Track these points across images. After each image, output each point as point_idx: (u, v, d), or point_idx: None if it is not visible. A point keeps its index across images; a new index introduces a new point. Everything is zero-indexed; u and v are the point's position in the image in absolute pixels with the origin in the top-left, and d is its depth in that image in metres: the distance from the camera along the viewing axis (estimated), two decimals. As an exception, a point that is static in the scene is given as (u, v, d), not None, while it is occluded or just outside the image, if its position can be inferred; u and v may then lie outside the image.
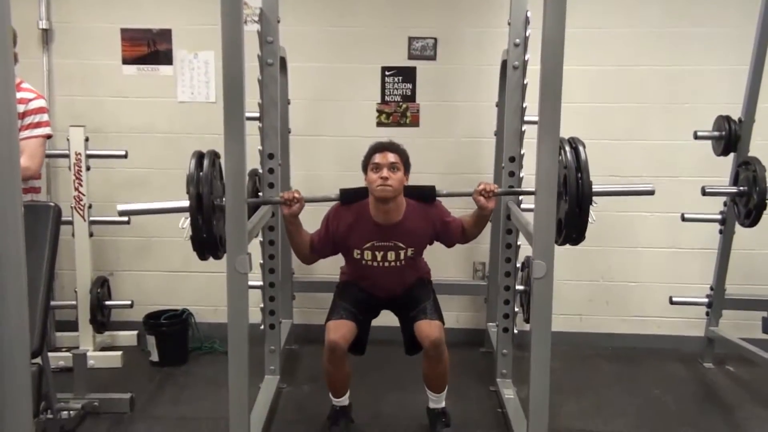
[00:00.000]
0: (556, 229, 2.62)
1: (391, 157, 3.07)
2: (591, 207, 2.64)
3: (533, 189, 2.56)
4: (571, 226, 2.66)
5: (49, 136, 3.37)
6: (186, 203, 2.68)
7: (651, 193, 2.90)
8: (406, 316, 3.25)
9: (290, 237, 3.22)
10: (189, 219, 2.67)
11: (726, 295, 4.11)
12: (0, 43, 0.78)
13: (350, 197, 3.22)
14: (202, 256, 2.78)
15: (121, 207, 2.83)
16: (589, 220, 2.65)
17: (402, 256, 3.20)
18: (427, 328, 3.09)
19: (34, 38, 4.22)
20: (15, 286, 0.80)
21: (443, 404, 3.27)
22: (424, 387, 3.27)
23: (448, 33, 4.27)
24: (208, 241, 2.70)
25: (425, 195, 3.25)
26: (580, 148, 2.65)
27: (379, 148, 3.13)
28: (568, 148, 2.67)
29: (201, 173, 2.67)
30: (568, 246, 2.86)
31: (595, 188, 2.64)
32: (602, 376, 4.06)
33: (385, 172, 3.03)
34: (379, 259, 3.19)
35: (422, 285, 3.36)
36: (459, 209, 3.47)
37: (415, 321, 3.15)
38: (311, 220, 3.29)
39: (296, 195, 3.05)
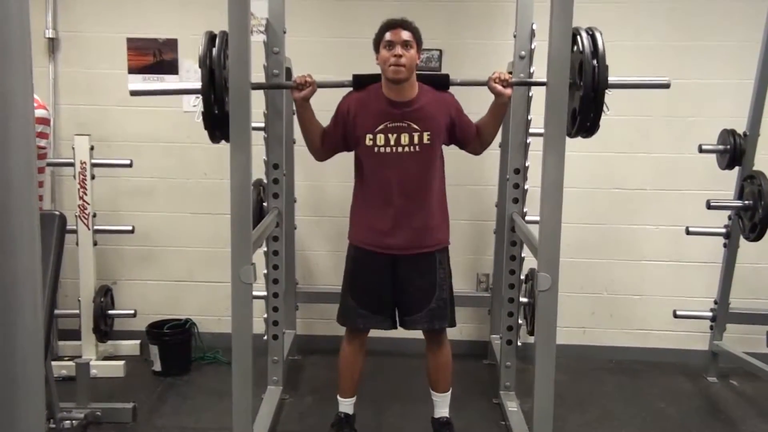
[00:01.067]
0: (569, 120, 2.60)
1: (405, 35, 2.97)
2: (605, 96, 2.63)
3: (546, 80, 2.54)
4: (585, 115, 2.64)
5: (42, 149, 3.33)
6: (197, 85, 2.68)
7: (667, 86, 2.90)
8: (408, 304, 3.12)
9: (301, 124, 3.16)
10: (201, 99, 2.67)
11: (730, 309, 4.10)
12: (19, 54, 0.79)
13: (363, 81, 3.15)
14: (214, 137, 2.77)
15: (132, 86, 2.86)
16: (604, 109, 2.64)
17: (416, 141, 3.01)
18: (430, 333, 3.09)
19: (41, 47, 4.24)
20: (30, 294, 0.80)
21: (447, 411, 3.25)
22: (429, 395, 3.25)
23: (453, 45, 4.28)
24: (219, 119, 2.69)
25: (439, 81, 3.17)
26: (597, 35, 2.64)
27: (392, 24, 3.02)
28: (584, 35, 2.65)
29: (213, 53, 2.67)
30: (572, 258, 2.84)
31: (611, 80, 2.63)
32: (606, 389, 4.04)
33: (398, 50, 2.94)
34: (392, 143, 3.01)
35: (443, 275, 3.16)
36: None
37: (412, 324, 3.13)
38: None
39: (308, 79, 3.01)
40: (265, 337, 3.62)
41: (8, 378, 0.80)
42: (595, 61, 2.63)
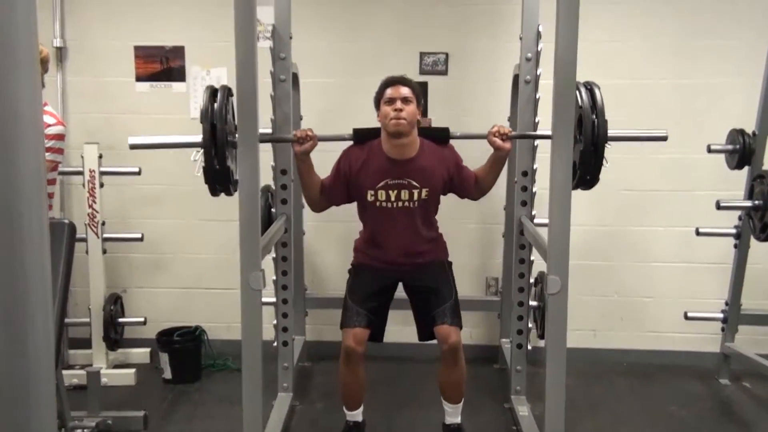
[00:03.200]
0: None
1: (404, 91, 3.05)
2: (605, 149, 2.65)
3: (549, 133, 2.57)
4: (586, 168, 2.66)
5: (53, 162, 3.32)
6: (198, 138, 2.69)
7: (664, 139, 2.91)
8: (425, 310, 3.17)
9: (301, 178, 3.21)
10: (202, 154, 2.68)
11: (742, 310, 4.07)
12: (28, 65, 0.79)
13: (363, 136, 3.21)
14: (214, 191, 2.79)
15: (132, 140, 2.87)
16: (603, 162, 2.66)
17: (416, 197, 3.13)
18: (446, 332, 3.06)
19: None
20: (41, 303, 0.80)
21: (459, 419, 3.24)
22: (440, 400, 3.24)
23: (459, 48, 4.28)
24: (220, 174, 2.70)
25: (440, 136, 3.24)
26: (596, 91, 2.66)
27: (391, 82, 3.11)
28: (583, 91, 2.67)
29: (215, 107, 2.67)
30: (581, 261, 2.84)
31: (610, 132, 2.66)
32: (617, 393, 4.02)
33: (398, 104, 3.01)
34: (392, 198, 3.12)
35: (445, 276, 3.26)
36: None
37: (435, 323, 3.10)
38: (322, 167, 3.29)
39: (309, 133, 3.05)
40: (275, 344, 3.61)
41: (20, 387, 0.80)
42: (594, 116, 2.65)
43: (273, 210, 3.57)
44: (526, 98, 3.47)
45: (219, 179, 2.74)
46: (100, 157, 3.92)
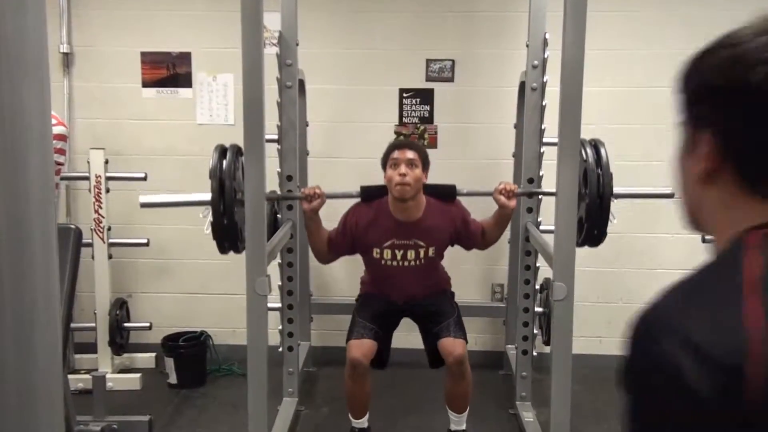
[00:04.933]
0: (576, 228, 2.62)
1: (410, 154, 3.07)
2: (612, 205, 2.65)
3: (554, 191, 2.56)
4: (593, 223, 2.66)
5: (60, 165, 3.33)
6: (207, 196, 2.70)
7: (671, 196, 2.91)
8: (429, 330, 3.21)
9: (309, 234, 3.25)
10: (210, 212, 2.69)
11: (748, 317, 4.05)
12: (37, 71, 0.79)
13: (371, 194, 3.24)
14: (223, 249, 2.80)
15: (143, 199, 2.89)
16: (610, 218, 2.67)
17: (422, 255, 3.18)
18: (450, 345, 3.07)
19: (55, 62, 4.27)
20: (48, 308, 0.81)
21: (464, 427, 3.24)
22: (445, 408, 3.25)
23: (466, 55, 4.28)
24: (229, 232, 2.71)
25: (446, 193, 3.27)
26: (601, 148, 2.68)
27: (398, 145, 3.16)
28: (588, 148, 2.68)
29: (224, 166, 2.69)
30: (587, 267, 2.84)
31: (616, 190, 2.67)
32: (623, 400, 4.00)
33: (403, 168, 3.03)
34: (399, 258, 3.18)
35: (445, 298, 3.34)
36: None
37: (438, 338, 3.12)
38: (330, 218, 3.33)
39: (317, 191, 3.09)
40: (280, 349, 3.61)
41: (27, 392, 0.81)
42: (599, 170, 2.66)
43: (278, 216, 3.57)
44: (532, 105, 3.48)
45: (227, 236, 2.76)
46: (107, 162, 3.93)
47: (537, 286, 3.63)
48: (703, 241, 3.92)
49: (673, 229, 4.30)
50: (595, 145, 2.71)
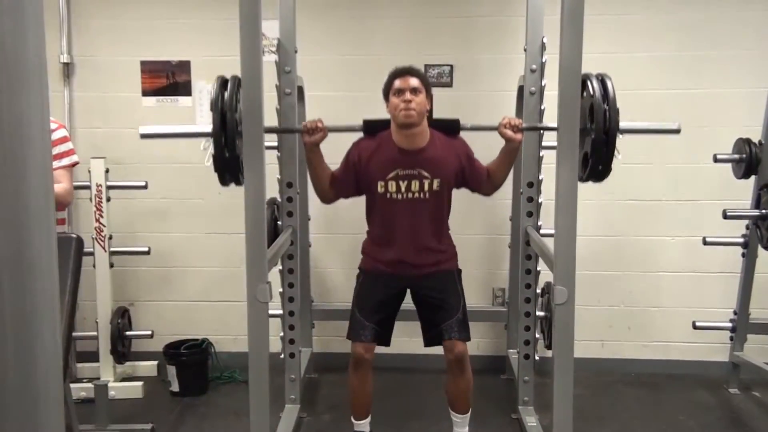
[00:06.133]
0: (581, 164, 2.63)
1: (413, 82, 3.02)
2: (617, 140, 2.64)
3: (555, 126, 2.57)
4: (597, 159, 2.65)
5: (75, 164, 3.39)
6: (208, 127, 2.70)
7: (677, 131, 2.88)
8: (431, 322, 3.15)
9: (310, 169, 3.18)
10: (211, 144, 2.69)
11: (750, 319, 4.06)
12: (36, 80, 0.80)
13: (373, 127, 3.18)
14: (224, 181, 2.79)
15: (143, 130, 2.90)
16: (615, 154, 2.65)
17: (426, 188, 3.08)
18: (451, 344, 3.06)
19: (56, 72, 4.28)
20: (49, 317, 0.81)
21: (467, 430, 3.23)
22: (448, 411, 3.23)
23: (464, 60, 4.29)
24: (230, 164, 2.71)
25: (450, 127, 3.20)
26: (607, 81, 2.67)
27: (400, 72, 3.07)
28: (595, 82, 2.67)
29: (225, 97, 2.71)
30: (588, 271, 2.82)
31: (622, 125, 2.65)
32: (625, 403, 4.00)
33: (407, 95, 2.98)
34: (403, 189, 3.07)
35: (451, 283, 3.20)
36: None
37: (442, 338, 3.10)
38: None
39: (319, 124, 3.03)
40: (282, 356, 3.61)
41: (29, 401, 0.81)
42: (606, 105, 2.64)
43: (279, 223, 3.58)
44: (531, 109, 3.48)
45: (228, 167, 2.75)
46: (107, 171, 3.93)
47: (538, 290, 3.63)
48: (704, 243, 3.94)
49: (674, 232, 4.31)
50: (602, 79, 2.68)
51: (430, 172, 3.08)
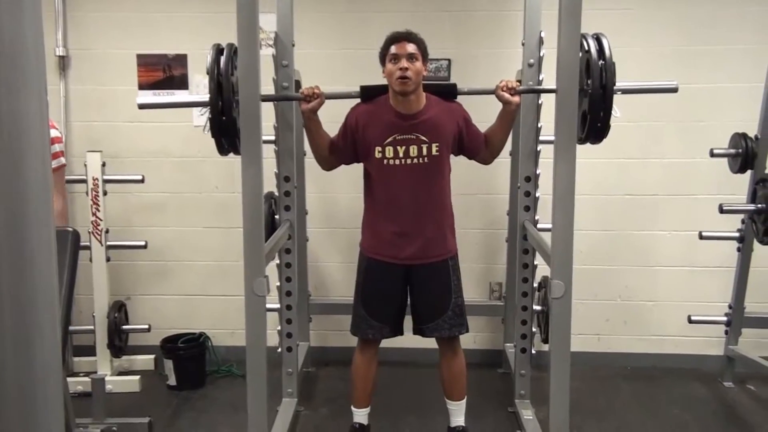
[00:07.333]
0: (579, 124, 2.62)
1: (410, 47, 2.98)
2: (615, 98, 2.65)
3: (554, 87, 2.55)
4: (595, 116, 2.65)
5: (62, 166, 3.37)
6: (205, 97, 2.71)
7: (674, 90, 2.88)
8: (425, 315, 3.14)
9: (309, 135, 3.18)
10: (208, 111, 2.70)
11: (745, 313, 4.07)
12: (34, 74, 0.80)
13: (370, 93, 3.15)
14: (221, 147, 2.80)
15: (140, 99, 2.91)
16: (613, 113, 2.65)
17: (425, 153, 3.03)
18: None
19: (51, 65, 4.27)
20: (47, 311, 0.81)
21: (463, 419, 3.24)
22: (444, 405, 3.25)
23: (461, 54, 4.28)
24: (228, 131, 2.71)
25: (447, 91, 3.19)
26: (603, 40, 2.68)
27: (397, 38, 3.04)
28: (590, 40, 2.68)
29: (221, 64, 2.73)
30: (585, 265, 2.79)
31: (619, 84, 2.65)
32: (621, 396, 4.02)
33: (403, 62, 2.94)
34: (401, 155, 3.03)
35: (448, 276, 3.15)
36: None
37: (433, 334, 3.13)
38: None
39: (316, 90, 3.02)
40: (279, 350, 3.62)
41: (27, 394, 0.81)
42: (601, 62, 2.64)
43: (276, 217, 3.57)
44: (528, 104, 3.48)
45: (226, 134, 2.75)
46: (104, 165, 3.93)
47: (535, 284, 3.63)
48: (700, 237, 3.95)
49: (671, 227, 4.32)
50: (598, 37, 2.69)
51: (428, 136, 3.04)
